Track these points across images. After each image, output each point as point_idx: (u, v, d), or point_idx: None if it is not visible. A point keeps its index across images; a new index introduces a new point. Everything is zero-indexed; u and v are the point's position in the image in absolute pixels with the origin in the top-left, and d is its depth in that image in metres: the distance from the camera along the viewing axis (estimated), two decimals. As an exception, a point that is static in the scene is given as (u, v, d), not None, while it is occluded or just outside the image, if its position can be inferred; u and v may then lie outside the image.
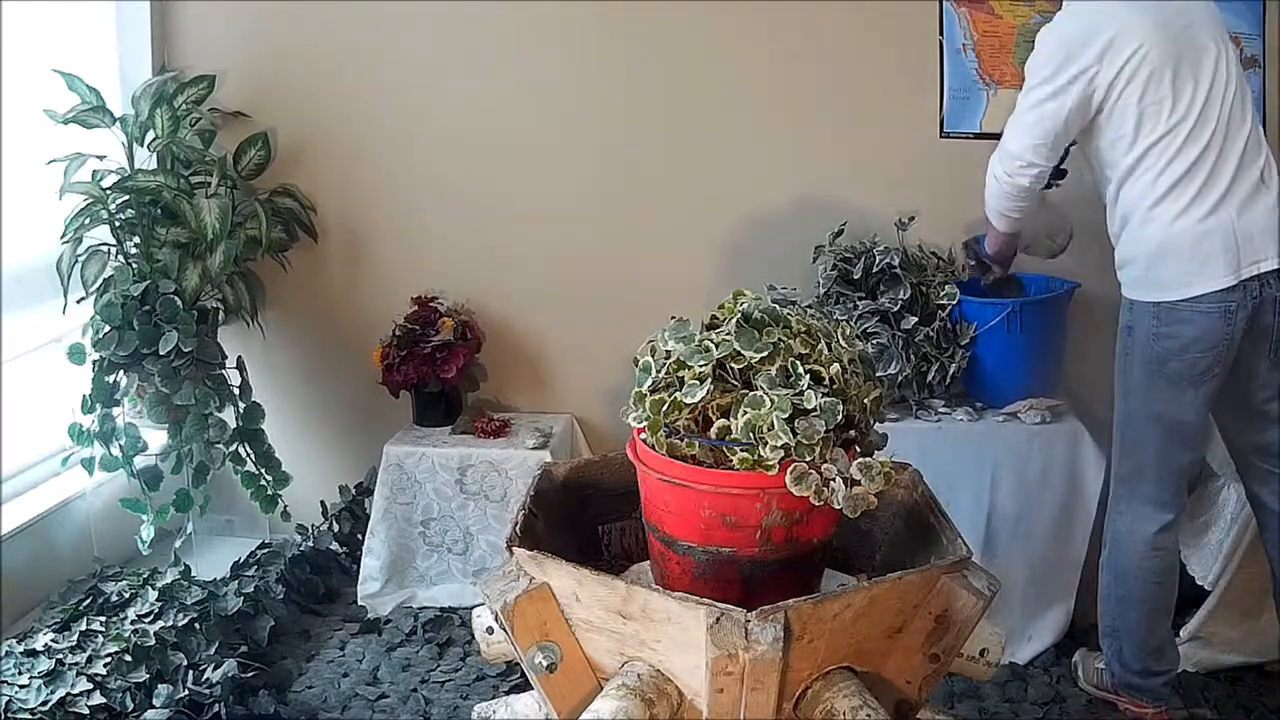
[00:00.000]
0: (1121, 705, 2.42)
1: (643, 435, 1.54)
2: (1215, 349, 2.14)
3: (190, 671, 2.40)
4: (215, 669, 2.40)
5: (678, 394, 1.48)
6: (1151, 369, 2.20)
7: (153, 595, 2.65)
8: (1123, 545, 2.32)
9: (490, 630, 1.72)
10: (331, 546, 3.10)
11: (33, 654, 2.33)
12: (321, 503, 3.17)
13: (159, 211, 2.86)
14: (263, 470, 2.97)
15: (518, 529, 1.58)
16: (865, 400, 1.52)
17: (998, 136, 2.29)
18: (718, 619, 1.35)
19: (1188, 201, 2.12)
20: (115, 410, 2.76)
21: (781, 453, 1.41)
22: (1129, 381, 2.26)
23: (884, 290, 2.72)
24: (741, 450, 1.43)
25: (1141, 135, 2.13)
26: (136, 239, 2.85)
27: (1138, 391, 2.24)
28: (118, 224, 2.82)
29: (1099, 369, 2.89)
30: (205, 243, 2.82)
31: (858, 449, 1.51)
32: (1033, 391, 2.70)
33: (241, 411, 2.94)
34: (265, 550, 3.02)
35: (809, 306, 1.74)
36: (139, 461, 2.81)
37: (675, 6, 2.93)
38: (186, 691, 2.32)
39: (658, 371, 1.52)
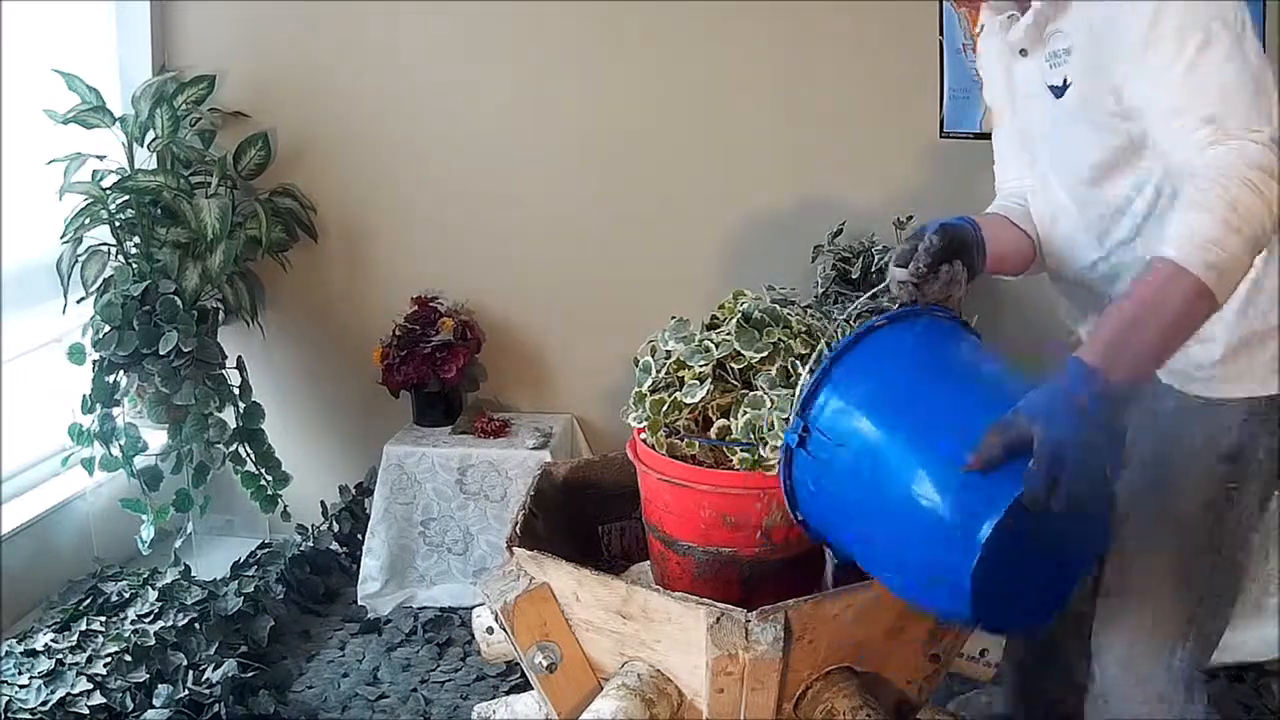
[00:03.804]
0: None
1: (643, 435, 1.54)
2: None
3: (190, 671, 2.40)
4: (215, 669, 2.40)
5: (678, 394, 1.48)
6: (1266, 490, 1.56)
7: (153, 595, 2.65)
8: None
9: (490, 630, 1.73)
10: (331, 546, 3.10)
11: (33, 654, 2.33)
12: (321, 503, 3.17)
13: (159, 211, 2.85)
14: (263, 470, 2.97)
15: (518, 529, 1.58)
16: (865, 400, 1.52)
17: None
18: (718, 619, 1.35)
19: None
20: (115, 410, 2.76)
21: (781, 453, 1.41)
22: (1241, 517, 1.54)
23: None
24: (741, 450, 1.44)
25: None
26: (136, 239, 2.85)
27: (1249, 521, 1.56)
28: (118, 224, 2.82)
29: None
30: (205, 243, 2.82)
31: (858, 449, 1.51)
32: None
33: (241, 411, 2.94)
34: (265, 550, 3.02)
35: (808, 306, 1.74)
36: (139, 461, 2.81)
37: (675, 7, 2.92)
38: (186, 691, 2.32)
39: (658, 371, 1.53)
